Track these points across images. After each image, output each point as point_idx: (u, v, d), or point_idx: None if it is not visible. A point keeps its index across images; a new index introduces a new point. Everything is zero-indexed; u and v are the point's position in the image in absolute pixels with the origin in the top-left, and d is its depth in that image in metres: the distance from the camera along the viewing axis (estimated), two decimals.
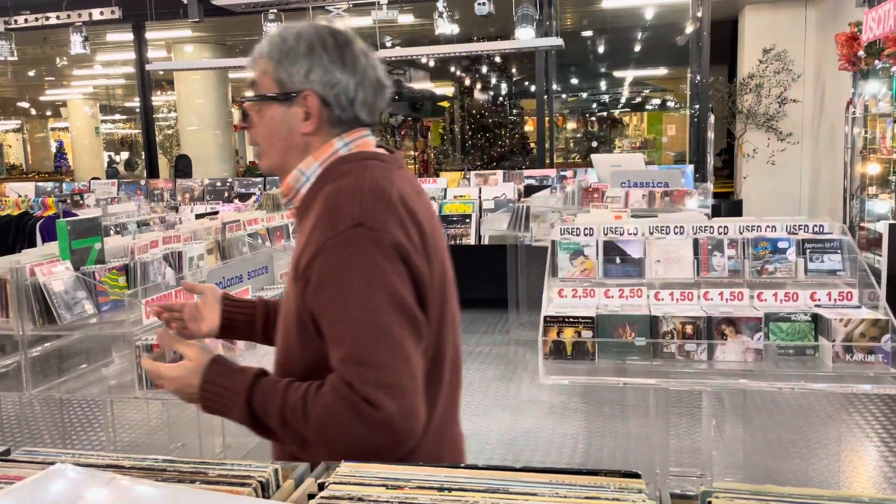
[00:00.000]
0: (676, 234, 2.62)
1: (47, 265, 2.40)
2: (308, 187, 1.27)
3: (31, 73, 14.27)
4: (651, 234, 2.63)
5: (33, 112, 21.53)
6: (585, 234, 2.68)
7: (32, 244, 4.99)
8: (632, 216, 4.37)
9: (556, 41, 6.51)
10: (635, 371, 2.27)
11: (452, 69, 14.97)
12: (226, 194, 8.34)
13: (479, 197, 7.54)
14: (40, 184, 9.30)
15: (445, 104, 16.31)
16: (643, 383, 2.24)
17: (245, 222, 3.47)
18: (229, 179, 8.77)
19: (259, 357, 2.40)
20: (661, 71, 17.33)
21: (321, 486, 0.84)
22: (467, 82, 14.93)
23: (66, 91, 17.41)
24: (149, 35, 9.68)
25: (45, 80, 15.91)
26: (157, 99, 14.52)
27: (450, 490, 0.80)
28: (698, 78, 8.40)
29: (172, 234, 2.96)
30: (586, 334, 2.26)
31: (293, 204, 1.31)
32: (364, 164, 1.26)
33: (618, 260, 2.56)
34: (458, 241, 7.18)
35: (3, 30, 7.67)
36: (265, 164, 1.33)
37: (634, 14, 10.66)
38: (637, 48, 13.44)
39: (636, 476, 0.81)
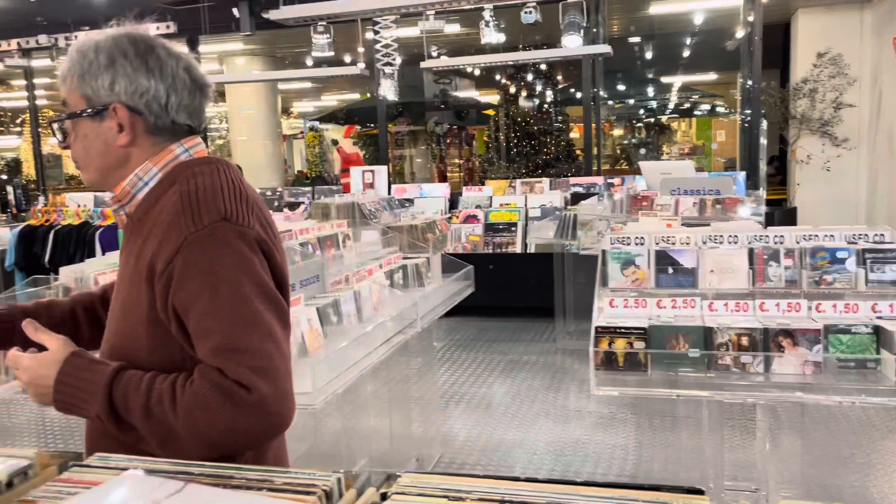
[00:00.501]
0: (731, 243, 2.58)
1: (110, 273, 2.48)
2: (146, 192, 1.27)
3: None
4: (704, 243, 2.59)
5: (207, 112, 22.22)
6: (637, 244, 2.65)
7: (92, 254, 5.16)
8: (682, 224, 4.30)
9: (605, 48, 6.46)
10: (689, 383, 2.24)
11: (497, 77, 14.97)
12: (275, 203, 8.48)
13: (525, 205, 7.52)
14: (98, 194, 9.59)
15: (490, 112, 16.32)
16: (697, 395, 2.21)
17: (297, 231, 3.53)
18: (279, 189, 8.92)
19: None
20: (710, 76, 17.05)
21: (383, 496, 0.85)
22: (512, 90, 14.92)
23: None
24: (201, 48, 9.93)
25: None
26: (209, 110, 14.86)
27: (511, 503, 0.80)
28: (749, 83, 8.24)
29: None
30: (638, 345, 2.24)
31: (125, 210, 1.30)
32: (215, 167, 1.28)
33: (670, 270, 2.52)
34: (503, 250, 7.17)
35: (65, 46, 7.95)
36: (86, 178, 1.32)
37: (683, 19, 10.53)
38: (685, 53, 13.26)
39: (700, 493, 0.81)
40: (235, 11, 7.36)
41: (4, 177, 15.76)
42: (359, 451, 3.47)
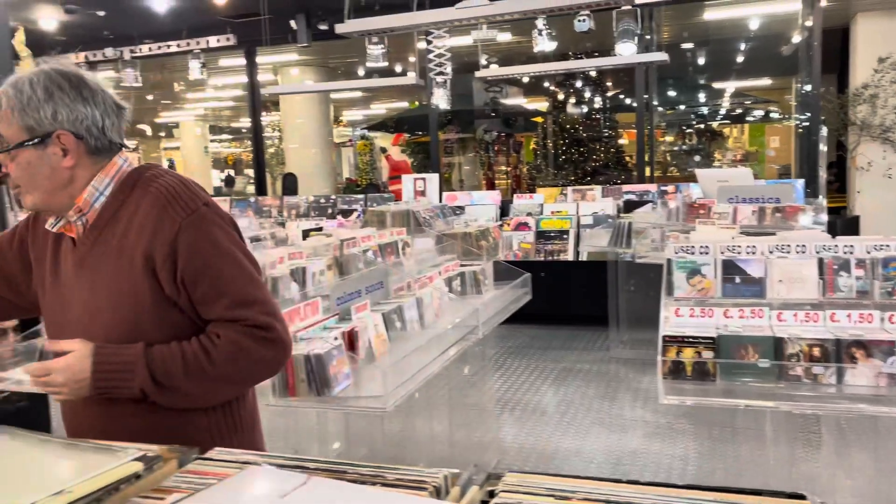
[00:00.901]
0: (798, 252, 2.56)
1: None
2: (103, 200, 1.45)
3: (150, 98, 15.24)
4: (771, 252, 2.57)
5: (148, 133, 22.94)
6: (701, 253, 2.65)
7: None
8: (741, 233, 4.26)
9: (661, 56, 6.43)
10: (757, 393, 2.23)
11: (546, 84, 14.96)
12: (329, 210, 8.64)
13: (577, 212, 7.50)
14: None
15: (538, 119, 16.30)
16: (768, 406, 2.20)
17: (360, 239, 3.61)
18: (332, 196, 9.07)
19: None
20: (764, 81, 16.74)
21: (491, 494, 0.89)
22: (560, 96, 14.89)
23: (178, 113, 18.49)
24: (257, 59, 10.18)
25: (160, 104, 16.95)
26: (262, 119, 15.19)
27: (617, 503, 0.84)
28: (807, 88, 8.08)
29: (295, 250, 3.12)
30: (707, 355, 2.24)
31: (84, 218, 1.46)
32: (164, 170, 1.52)
33: (737, 279, 2.52)
34: (555, 257, 7.17)
35: (130, 58, 8.25)
36: (30, 202, 1.45)
37: (738, 25, 10.37)
38: (739, 59, 13.05)
39: (801, 497, 0.83)
40: (293, 24, 7.53)
41: None
42: (418, 455, 3.52)
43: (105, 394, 1.37)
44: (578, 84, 14.60)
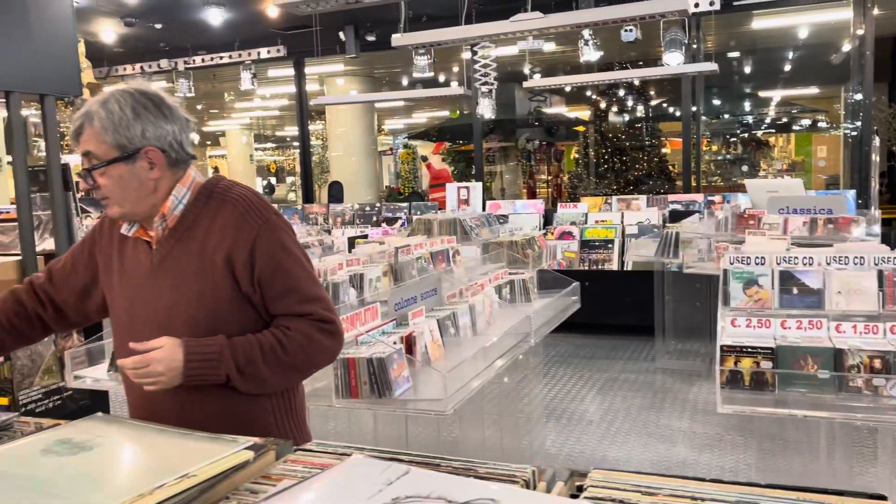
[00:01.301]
0: (857, 264, 2.55)
1: None
2: (182, 208, 1.61)
3: (199, 107, 15.62)
4: (829, 264, 2.57)
5: (195, 141, 23.48)
6: (757, 263, 2.66)
7: None
8: (793, 244, 4.22)
9: (710, 66, 6.40)
10: (816, 404, 2.23)
11: (588, 93, 14.93)
12: (374, 218, 8.76)
13: (622, 222, 7.48)
14: None
15: (581, 128, 16.26)
16: (827, 417, 2.20)
17: (414, 247, 3.68)
18: (377, 204, 9.20)
19: None
20: (812, 90, 16.45)
21: (579, 488, 0.94)
22: (603, 105, 14.85)
23: (225, 122, 18.91)
24: (305, 70, 10.38)
25: (208, 113, 17.36)
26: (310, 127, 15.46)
27: (703, 500, 0.88)
28: (857, 97, 7.95)
29: (352, 257, 3.21)
30: (765, 365, 2.25)
31: (165, 224, 1.60)
32: (234, 182, 1.69)
33: (794, 290, 2.52)
34: (599, 267, 7.16)
35: (184, 69, 8.49)
36: (118, 212, 1.59)
37: (786, 33, 10.25)
38: (786, 67, 12.87)
39: (883, 498, 0.86)
40: (341, 35, 7.68)
41: None
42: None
43: (194, 381, 1.50)
44: (621, 93, 14.54)
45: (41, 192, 4.14)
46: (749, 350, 2.26)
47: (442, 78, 12.93)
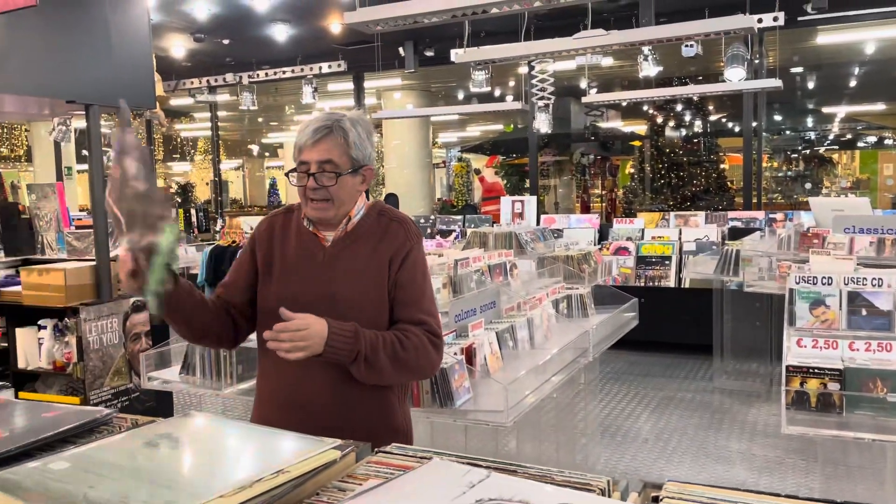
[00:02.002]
0: None
1: None
2: (359, 217, 1.85)
3: (260, 119, 16.05)
4: None
5: (254, 153, 24.09)
6: (824, 283, 2.62)
7: None
8: (859, 264, 4.12)
9: (775, 82, 6.30)
10: (884, 428, 2.19)
11: (645, 107, 14.80)
12: (428, 231, 8.84)
13: (679, 238, 7.39)
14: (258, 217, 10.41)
15: (637, 143, 16.09)
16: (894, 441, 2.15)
17: (472, 259, 3.73)
18: (431, 216, 9.29)
19: None
20: (878, 106, 15.97)
21: (655, 500, 0.97)
22: (660, 120, 14.68)
23: (284, 134, 19.36)
24: (364, 84, 10.58)
25: (268, 126, 17.81)
26: None
27: None
28: None
29: None
30: (832, 386, 2.21)
31: (346, 227, 1.83)
32: (391, 206, 1.95)
33: (863, 311, 2.47)
34: (655, 283, 7.08)
35: (248, 83, 8.76)
36: (333, 213, 1.80)
37: (852, 49, 10.00)
38: (852, 83, 12.54)
39: None
40: (401, 50, 7.82)
41: (179, 199, 17.32)
42: None
43: (329, 355, 1.65)
44: (679, 107, 14.37)
45: None
46: (816, 371, 2.23)
47: (497, 92, 13.01)
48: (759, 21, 6.20)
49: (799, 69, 12.05)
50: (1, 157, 14.84)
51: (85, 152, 4.34)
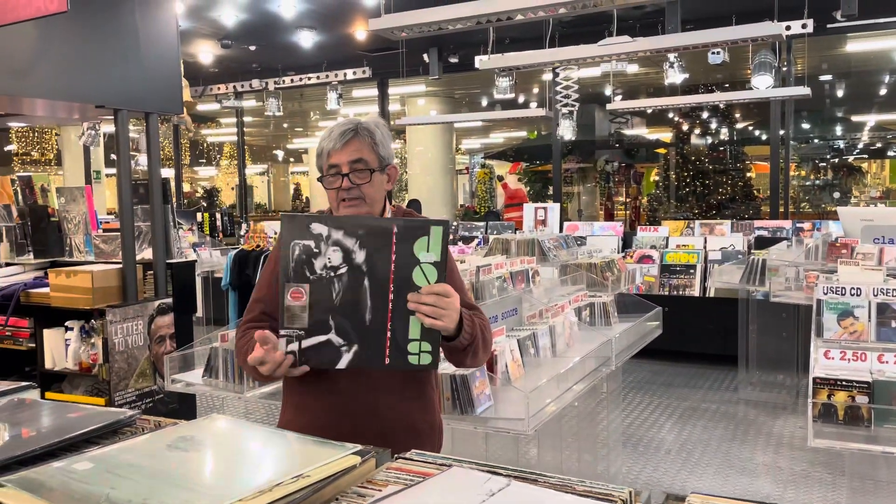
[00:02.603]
0: None
1: None
2: (388, 216, 1.87)
3: (285, 125, 16.18)
4: None
5: (279, 158, 24.29)
6: (853, 294, 2.57)
7: None
8: (889, 275, 4.04)
9: (803, 90, 6.22)
10: None
11: (671, 115, 14.70)
12: (450, 237, 8.84)
13: (704, 247, 7.32)
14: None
15: (662, 150, 15.98)
16: None
17: (494, 266, 3.72)
18: (453, 223, 9.29)
19: None
20: None
21: None
22: (685, 127, 14.57)
23: (308, 140, 19.51)
24: (389, 91, 10.62)
25: (293, 131, 17.96)
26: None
27: None
28: None
29: None
30: (861, 399, 2.17)
31: None
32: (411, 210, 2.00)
33: (893, 323, 2.42)
34: (680, 292, 7.01)
35: (273, 89, 8.84)
36: (366, 211, 1.82)
37: (883, 56, 9.85)
38: (882, 91, 12.35)
39: None
40: (425, 57, 7.84)
41: (204, 204, 17.51)
42: None
43: (457, 330, 1.63)
44: (705, 115, 14.25)
45: (140, 203, 4.37)
46: (844, 383, 2.19)
47: (521, 99, 12.99)
48: (788, 28, 6.13)
49: (828, 77, 11.89)
50: (31, 161, 15.12)
51: (113, 156, 4.39)
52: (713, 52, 6.51)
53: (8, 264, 4.69)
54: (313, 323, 1.54)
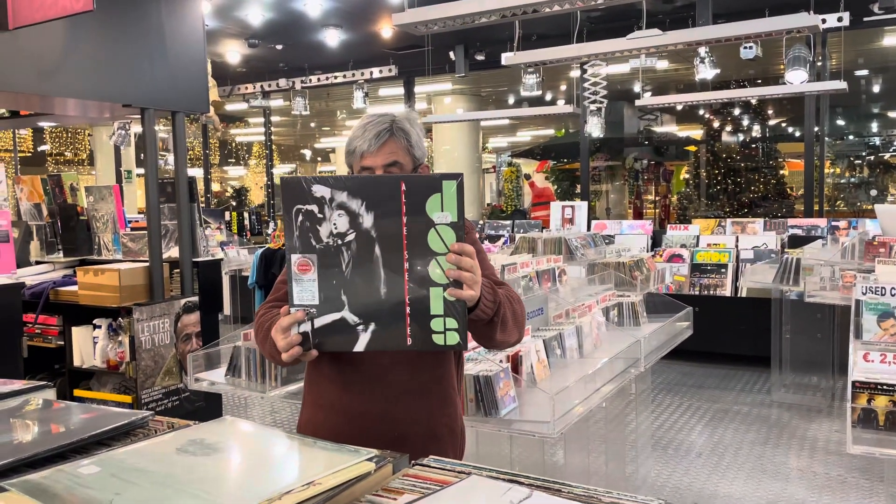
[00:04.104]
0: None
1: None
2: None
3: (312, 125, 16.25)
4: None
5: (307, 157, 24.43)
6: (893, 294, 2.47)
7: None
8: None
9: (839, 84, 6.06)
10: None
11: (701, 112, 14.47)
12: (476, 236, 8.77)
13: (736, 246, 7.17)
14: None
15: (692, 148, 15.74)
16: None
17: (519, 265, 3.66)
18: (479, 222, 9.23)
19: None
20: None
21: None
22: (716, 124, 14.33)
23: (335, 139, 19.58)
24: (416, 89, 10.59)
25: (320, 131, 18.03)
26: None
27: None
28: None
29: None
30: None
31: None
32: None
33: None
34: (711, 292, 6.87)
35: (300, 88, 8.86)
36: None
37: None
38: None
39: None
40: (451, 54, 7.79)
41: (234, 203, 17.66)
42: None
43: (482, 306, 1.51)
44: (736, 112, 14.00)
45: (167, 202, 4.39)
46: (886, 387, 2.09)
47: (548, 96, 12.88)
48: (823, 21, 5.97)
49: (864, 72, 11.61)
50: (65, 161, 15.39)
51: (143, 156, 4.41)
52: (745, 47, 6.37)
53: (38, 262, 4.75)
54: (324, 299, 1.39)
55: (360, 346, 1.41)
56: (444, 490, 0.92)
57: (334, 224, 1.37)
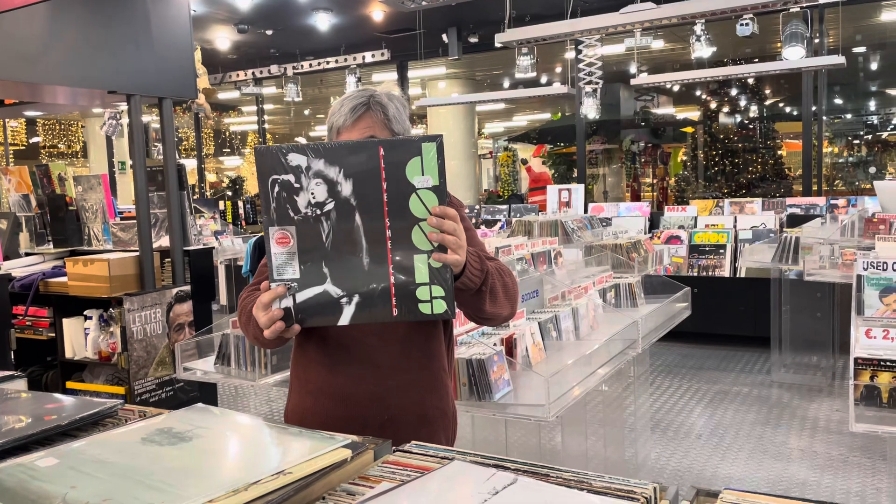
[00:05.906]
0: None
1: None
2: None
3: (306, 112, 16.12)
4: None
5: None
6: (895, 269, 2.41)
7: None
8: None
9: (837, 59, 5.97)
10: None
11: (698, 92, 14.36)
12: (473, 221, 8.72)
13: (735, 226, 7.11)
14: None
15: (689, 129, 15.64)
16: None
17: (514, 247, 3.60)
18: (476, 207, 9.16)
19: None
20: None
21: None
22: (713, 105, 14.23)
23: None
24: (409, 73, 10.49)
25: (315, 118, 17.89)
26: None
27: None
28: None
29: None
30: None
31: None
32: None
33: None
34: (709, 273, 6.82)
35: (292, 74, 8.75)
36: None
37: None
38: None
39: None
40: (444, 37, 7.69)
41: (230, 193, 17.57)
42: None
43: (468, 273, 1.45)
44: (733, 92, 13.89)
45: (157, 191, 4.32)
46: (888, 364, 2.04)
47: (544, 79, 12.76)
48: None
49: (861, 49, 11.50)
50: (58, 153, 15.27)
51: None
52: (742, 24, 6.27)
53: (27, 254, 4.68)
54: (305, 272, 1.34)
55: (344, 320, 1.35)
56: (424, 477, 0.86)
57: (312, 193, 1.31)
